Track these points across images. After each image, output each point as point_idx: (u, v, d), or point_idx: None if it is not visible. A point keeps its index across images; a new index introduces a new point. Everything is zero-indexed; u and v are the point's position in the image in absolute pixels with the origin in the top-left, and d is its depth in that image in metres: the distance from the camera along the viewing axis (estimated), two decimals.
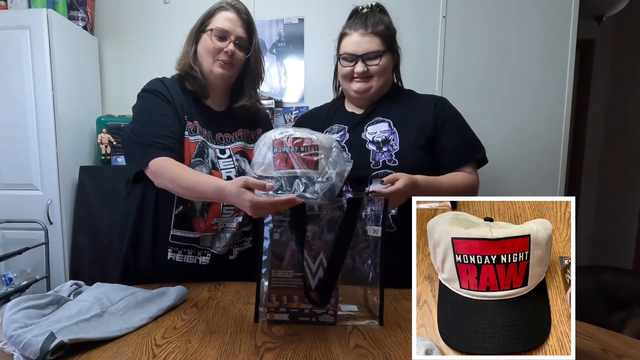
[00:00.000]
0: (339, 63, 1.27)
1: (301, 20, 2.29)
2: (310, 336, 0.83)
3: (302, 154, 0.88)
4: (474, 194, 1.22)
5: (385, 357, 0.75)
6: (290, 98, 2.36)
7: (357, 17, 1.24)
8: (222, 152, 1.21)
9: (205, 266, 1.20)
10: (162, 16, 2.36)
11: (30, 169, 2.07)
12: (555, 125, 2.13)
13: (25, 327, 0.75)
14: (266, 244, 0.90)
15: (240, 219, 1.22)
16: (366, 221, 0.93)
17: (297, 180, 0.87)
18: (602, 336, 0.87)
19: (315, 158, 0.89)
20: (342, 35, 1.26)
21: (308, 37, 2.30)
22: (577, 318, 0.87)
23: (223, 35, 1.17)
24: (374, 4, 1.26)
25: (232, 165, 1.21)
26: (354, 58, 1.21)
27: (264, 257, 0.91)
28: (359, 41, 1.20)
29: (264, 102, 2.26)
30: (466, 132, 1.25)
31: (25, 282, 1.97)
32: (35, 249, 2.03)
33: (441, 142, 1.21)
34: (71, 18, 2.25)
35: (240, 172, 1.21)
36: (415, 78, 2.14)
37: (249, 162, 1.20)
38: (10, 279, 1.97)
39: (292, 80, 2.35)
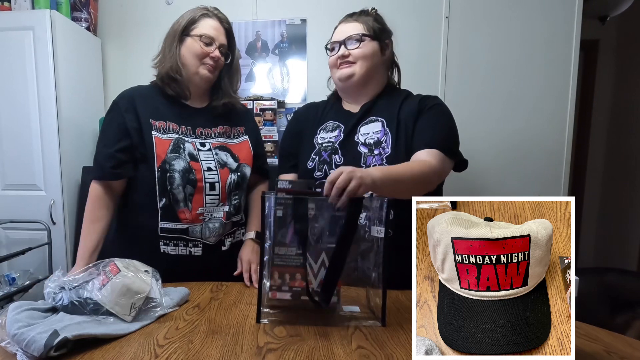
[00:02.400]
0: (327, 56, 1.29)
1: (304, 21, 2.29)
2: (313, 337, 0.83)
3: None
4: (428, 182, 1.08)
5: (387, 358, 0.74)
6: (293, 99, 2.36)
7: (346, 15, 1.28)
8: (202, 144, 1.27)
9: (198, 257, 1.24)
10: (165, 17, 2.33)
11: (33, 170, 2.08)
12: (559, 126, 2.12)
13: (29, 326, 0.76)
14: (268, 244, 0.90)
15: (227, 207, 1.27)
16: (369, 222, 0.93)
17: None
18: (606, 338, 0.86)
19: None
20: (333, 31, 1.29)
21: (310, 38, 2.30)
22: (580, 319, 0.87)
23: (210, 42, 1.24)
24: (369, 8, 1.28)
25: (212, 158, 1.26)
26: (337, 45, 1.23)
27: (267, 253, 0.91)
28: (342, 30, 1.24)
29: (266, 102, 2.28)
30: (442, 122, 1.18)
31: (28, 282, 1.98)
32: (38, 249, 2.04)
33: (416, 125, 1.17)
34: (74, 19, 2.26)
35: (221, 164, 1.27)
36: (418, 79, 2.15)
37: (231, 155, 1.31)
38: (14, 279, 1.98)
39: (295, 81, 2.35)
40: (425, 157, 1.10)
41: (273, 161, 1.82)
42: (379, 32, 1.23)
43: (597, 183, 3.37)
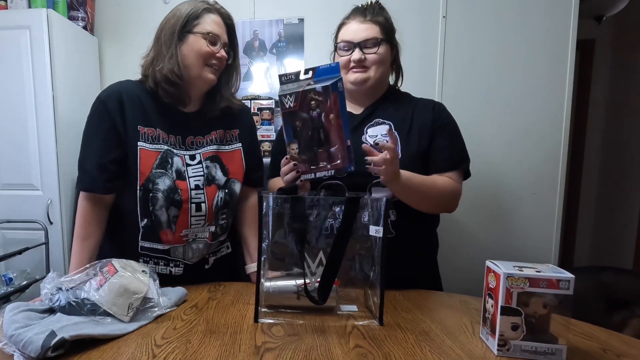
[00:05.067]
0: (336, 54, 1.24)
1: (301, 20, 2.29)
2: (310, 336, 0.83)
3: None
4: (453, 202, 1.20)
5: (385, 357, 0.75)
6: None
7: (355, 9, 1.23)
8: (192, 157, 1.16)
9: (179, 276, 1.17)
10: (162, 16, 2.34)
11: (30, 169, 2.07)
12: (555, 125, 2.12)
13: (26, 327, 0.76)
14: (265, 244, 0.91)
15: (213, 228, 1.19)
16: (367, 221, 0.93)
17: None
18: (602, 336, 0.87)
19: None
20: (340, 26, 1.24)
21: (308, 37, 2.30)
22: (577, 318, 0.87)
23: (215, 40, 1.12)
24: (373, 1, 1.25)
25: (201, 173, 1.16)
26: (351, 46, 1.18)
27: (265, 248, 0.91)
28: (357, 29, 1.18)
29: (263, 102, 2.28)
30: (458, 140, 1.24)
31: (25, 282, 1.97)
32: (35, 249, 2.03)
33: (433, 145, 1.19)
34: (71, 18, 2.25)
35: (210, 180, 1.17)
36: (415, 78, 2.15)
37: (221, 167, 1.19)
38: (10, 279, 1.97)
39: None
40: (451, 177, 1.18)
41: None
42: (391, 35, 1.22)
43: (593, 182, 3.38)
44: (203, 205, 1.14)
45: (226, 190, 1.20)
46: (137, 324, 0.87)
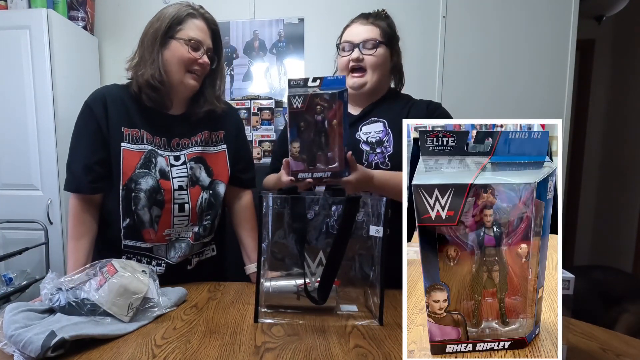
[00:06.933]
0: (338, 55, 1.27)
1: (301, 20, 2.29)
2: (310, 336, 0.83)
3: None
4: None
5: (385, 356, 0.75)
6: None
7: (360, 14, 1.26)
8: (177, 158, 1.16)
9: (160, 275, 1.13)
10: None
11: (30, 169, 2.08)
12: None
13: (26, 327, 0.76)
14: (265, 244, 0.91)
15: (196, 228, 1.19)
16: (367, 221, 0.93)
17: None
18: (602, 335, 0.87)
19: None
20: (344, 29, 1.27)
21: (308, 37, 2.30)
22: (576, 317, 0.87)
23: (197, 46, 1.11)
24: (379, 9, 1.27)
25: (185, 174, 1.16)
26: (351, 47, 1.21)
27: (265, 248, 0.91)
28: (358, 30, 1.21)
29: (263, 102, 2.28)
30: None
31: (25, 282, 1.97)
32: (35, 249, 2.03)
33: None
34: (71, 18, 2.25)
35: (194, 180, 1.17)
36: (415, 78, 2.15)
37: (205, 168, 1.20)
38: (10, 279, 1.97)
39: None
40: None
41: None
42: (392, 40, 1.24)
43: (593, 182, 3.38)
44: (186, 205, 1.15)
45: (210, 192, 1.21)
46: (137, 324, 0.87)
